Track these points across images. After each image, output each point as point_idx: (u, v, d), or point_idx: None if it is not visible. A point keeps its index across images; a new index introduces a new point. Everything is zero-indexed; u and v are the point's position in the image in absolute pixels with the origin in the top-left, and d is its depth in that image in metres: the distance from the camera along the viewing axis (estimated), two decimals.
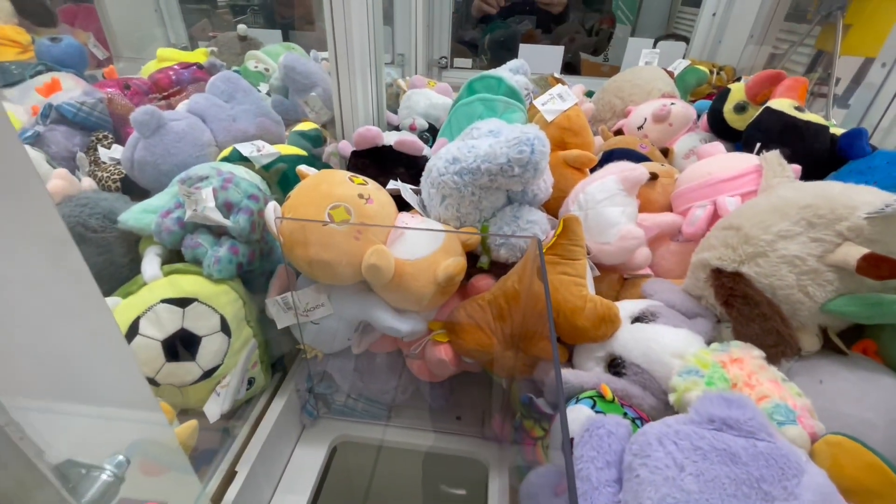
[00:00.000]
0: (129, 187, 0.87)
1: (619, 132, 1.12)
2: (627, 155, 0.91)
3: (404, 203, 0.73)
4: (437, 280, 0.63)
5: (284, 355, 0.82)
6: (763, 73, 0.95)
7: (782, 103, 0.86)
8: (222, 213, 0.66)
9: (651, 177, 0.78)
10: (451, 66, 1.97)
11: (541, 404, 0.61)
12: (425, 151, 0.86)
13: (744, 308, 0.56)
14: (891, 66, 0.96)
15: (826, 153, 0.82)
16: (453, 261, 0.64)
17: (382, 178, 0.74)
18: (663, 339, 0.57)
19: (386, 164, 0.83)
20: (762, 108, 0.90)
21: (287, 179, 0.86)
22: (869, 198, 0.51)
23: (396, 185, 0.74)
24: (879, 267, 0.48)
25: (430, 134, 1.12)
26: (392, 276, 0.61)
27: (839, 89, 1.23)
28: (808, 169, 0.76)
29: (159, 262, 0.66)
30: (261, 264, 0.73)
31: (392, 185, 0.74)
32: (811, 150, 0.81)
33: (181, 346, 0.61)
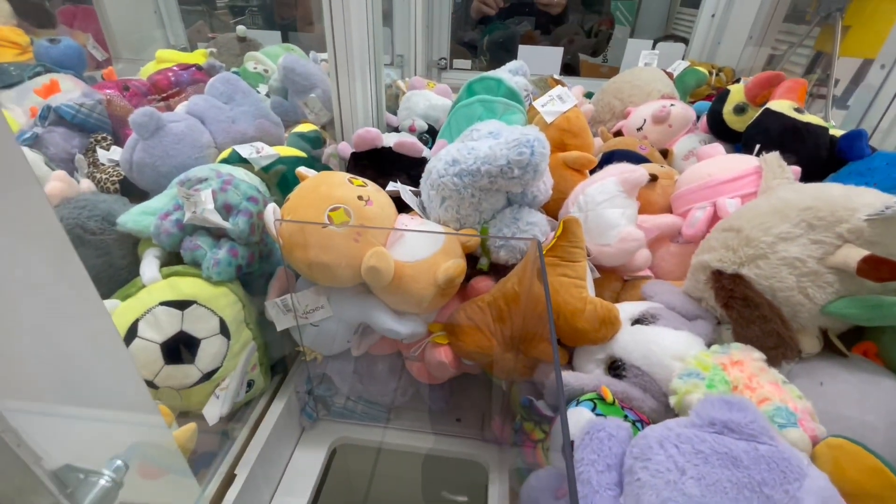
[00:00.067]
0: (128, 189, 0.87)
1: (618, 133, 1.12)
2: (627, 156, 0.91)
3: (404, 205, 0.73)
4: (437, 282, 0.63)
5: (284, 357, 0.82)
6: (762, 74, 0.96)
7: (782, 105, 0.86)
8: (221, 215, 0.66)
9: (651, 178, 0.78)
10: (451, 68, 1.97)
11: (541, 406, 0.61)
12: (425, 153, 0.86)
13: (744, 310, 0.56)
14: (890, 68, 0.96)
15: (825, 155, 0.82)
16: (453, 263, 0.64)
17: (382, 180, 0.74)
18: (664, 342, 0.57)
19: (385, 165, 0.83)
20: (762, 109, 0.90)
21: (286, 181, 0.85)
22: (869, 200, 0.51)
23: (396, 186, 0.74)
24: (880, 269, 0.48)
25: (430, 135, 1.12)
26: (392, 278, 0.61)
27: (838, 90, 1.24)
28: (808, 170, 0.77)
29: (158, 264, 0.66)
30: (260, 266, 0.73)
31: (391, 186, 0.74)
32: (811, 151, 0.81)
33: (180, 349, 0.61)
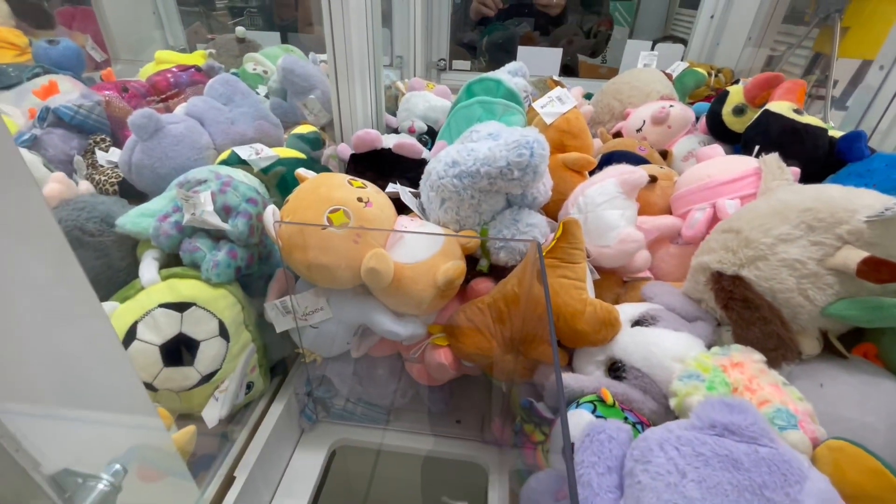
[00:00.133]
0: (127, 191, 0.87)
1: (617, 134, 1.12)
2: (626, 157, 0.91)
3: (403, 206, 0.73)
4: (437, 283, 0.63)
5: (283, 359, 0.81)
6: (761, 75, 0.96)
7: (781, 106, 0.87)
8: (221, 216, 0.65)
9: (650, 179, 0.78)
10: (450, 69, 1.97)
11: (541, 408, 0.61)
12: (424, 154, 0.86)
13: (744, 311, 0.56)
14: (889, 69, 0.96)
15: (825, 156, 0.82)
16: (453, 264, 0.63)
17: (381, 182, 0.74)
18: (664, 343, 0.57)
19: (385, 167, 0.83)
20: (761, 110, 0.90)
21: (286, 182, 0.85)
22: (869, 201, 0.51)
23: (395, 188, 0.74)
24: (880, 270, 0.48)
25: (429, 136, 1.12)
26: (391, 279, 0.61)
27: (837, 91, 1.24)
28: (807, 171, 0.77)
29: (157, 266, 0.66)
30: (259, 268, 0.72)
31: (391, 188, 0.74)
32: (810, 152, 0.82)
33: (179, 351, 0.61)
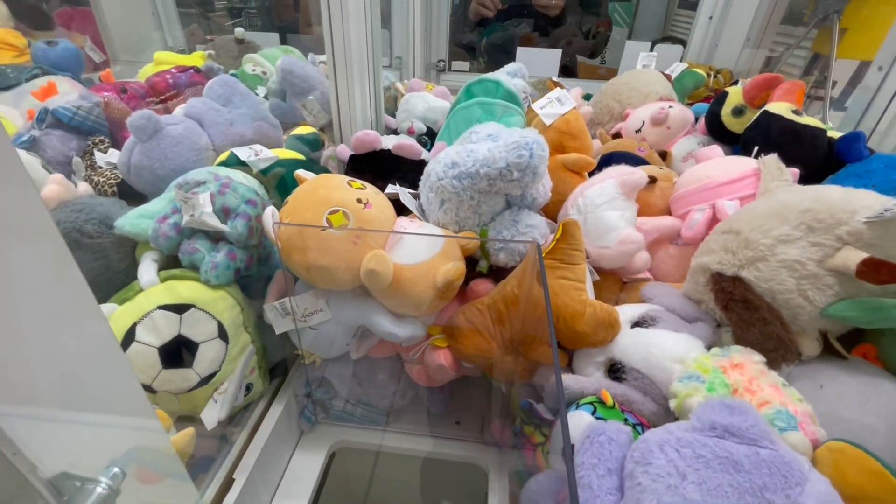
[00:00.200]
0: (126, 192, 0.87)
1: (617, 135, 1.12)
2: (626, 158, 0.91)
3: (403, 207, 0.73)
4: (436, 285, 0.63)
5: (282, 361, 0.81)
6: (760, 76, 0.96)
7: (780, 107, 0.87)
8: (220, 218, 0.65)
9: (650, 180, 0.78)
10: (449, 70, 1.97)
11: (541, 410, 0.61)
12: (424, 155, 0.86)
13: (744, 312, 0.56)
14: (887, 69, 0.97)
15: (824, 156, 0.82)
16: (452, 265, 0.63)
17: (381, 183, 0.74)
18: (664, 344, 0.57)
19: (384, 168, 0.83)
20: (760, 111, 0.90)
21: (285, 184, 0.85)
22: (868, 202, 0.51)
23: (395, 189, 0.74)
24: (879, 271, 0.48)
25: (429, 137, 1.12)
26: (391, 281, 0.61)
27: (836, 92, 1.24)
28: (806, 172, 0.77)
29: (156, 267, 0.66)
30: (259, 269, 0.72)
31: (390, 189, 0.74)
32: (809, 153, 0.82)
33: (178, 353, 0.61)
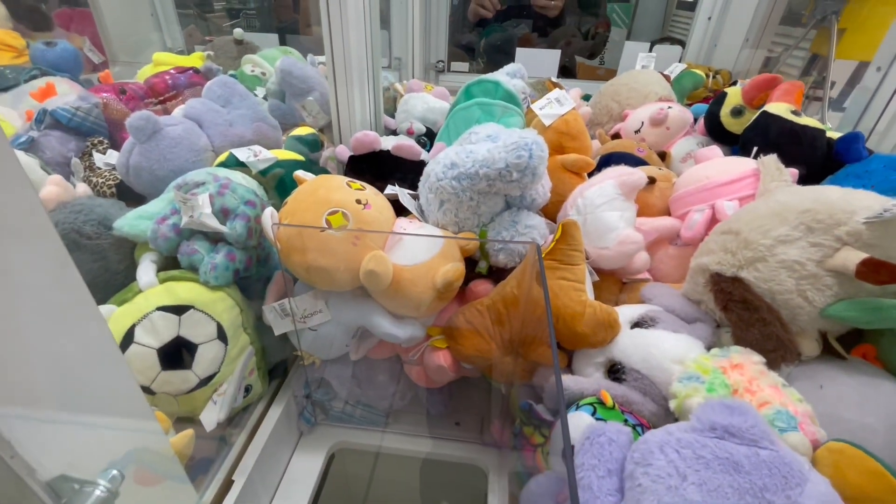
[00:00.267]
0: (125, 193, 0.87)
1: (616, 136, 1.12)
2: (625, 159, 0.91)
3: (402, 208, 0.73)
4: (436, 286, 0.62)
5: (282, 362, 0.81)
6: (759, 77, 0.96)
7: (779, 107, 0.87)
8: (219, 219, 0.65)
9: (649, 181, 0.78)
10: (448, 70, 1.97)
11: (540, 411, 0.61)
12: (423, 156, 0.86)
13: (743, 313, 0.56)
14: (886, 70, 0.97)
15: (823, 157, 0.83)
16: (452, 266, 0.63)
17: (380, 183, 0.74)
18: (663, 345, 0.57)
19: (383, 168, 0.83)
20: (759, 111, 0.90)
21: (284, 185, 0.85)
22: (868, 202, 0.51)
23: (394, 190, 0.74)
24: (878, 272, 0.48)
25: (428, 138, 1.12)
26: (390, 281, 0.61)
27: (834, 93, 1.24)
28: (805, 173, 0.77)
29: (155, 268, 0.66)
30: (258, 270, 0.72)
31: (390, 190, 0.74)
32: (808, 153, 0.82)
33: (177, 354, 0.61)
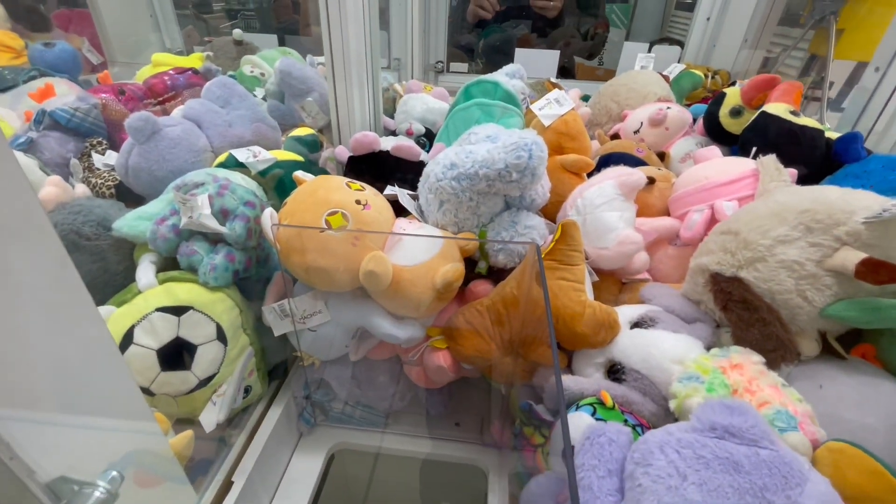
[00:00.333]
0: (124, 194, 0.86)
1: (615, 136, 1.12)
2: (624, 159, 0.91)
3: (402, 208, 0.73)
4: (436, 286, 0.62)
5: (281, 363, 0.81)
6: (758, 77, 0.96)
7: (778, 107, 0.87)
8: (218, 219, 0.65)
9: (648, 181, 0.78)
10: (448, 71, 1.97)
11: (540, 411, 0.61)
12: (422, 156, 0.86)
13: (743, 313, 0.56)
14: (884, 70, 0.97)
15: (822, 157, 0.83)
16: (451, 266, 0.63)
17: (380, 184, 0.74)
18: (663, 345, 0.57)
19: (383, 169, 0.83)
20: (758, 112, 0.90)
21: (284, 185, 0.85)
22: (867, 202, 0.51)
23: (394, 190, 0.74)
24: (878, 272, 0.48)
25: (427, 139, 1.12)
26: (390, 282, 0.61)
27: (833, 93, 1.24)
28: (804, 173, 0.77)
29: (154, 269, 0.66)
30: (257, 271, 0.72)
31: (389, 190, 0.74)
32: (807, 154, 0.82)
33: (176, 355, 0.61)
